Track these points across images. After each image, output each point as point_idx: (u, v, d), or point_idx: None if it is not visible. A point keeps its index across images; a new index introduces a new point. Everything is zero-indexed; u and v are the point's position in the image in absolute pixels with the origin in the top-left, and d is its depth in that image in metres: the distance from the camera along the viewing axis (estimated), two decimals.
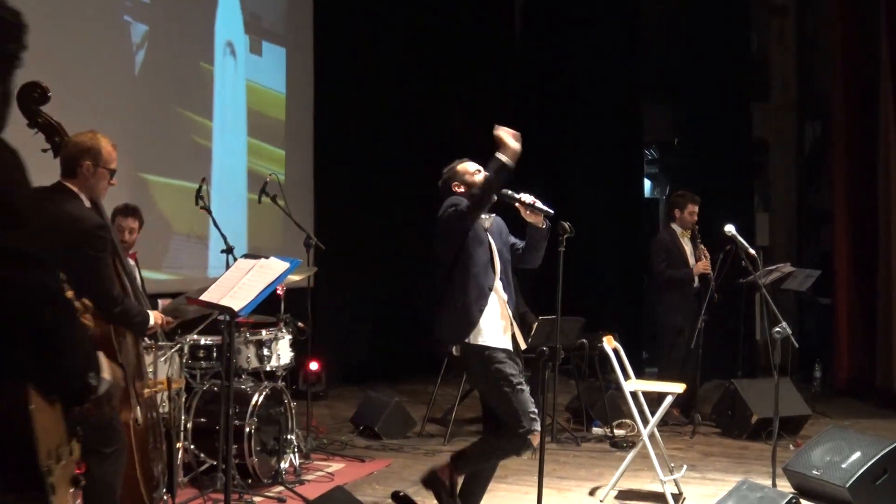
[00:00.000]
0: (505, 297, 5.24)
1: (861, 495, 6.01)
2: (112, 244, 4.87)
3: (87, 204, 4.67)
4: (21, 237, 2.00)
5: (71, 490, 2.22)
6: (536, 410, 5.12)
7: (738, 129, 12.41)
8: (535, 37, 13.00)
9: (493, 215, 5.36)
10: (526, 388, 5.13)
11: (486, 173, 5.09)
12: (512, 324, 5.24)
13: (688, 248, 8.86)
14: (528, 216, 5.24)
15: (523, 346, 5.32)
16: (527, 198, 5.22)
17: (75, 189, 4.65)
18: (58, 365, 2.07)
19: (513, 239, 5.42)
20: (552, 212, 5.24)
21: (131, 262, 6.61)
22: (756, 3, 13.07)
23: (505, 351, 5.12)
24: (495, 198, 5.10)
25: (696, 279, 8.73)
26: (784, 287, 9.21)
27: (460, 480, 5.39)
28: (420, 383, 10.17)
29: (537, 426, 5.06)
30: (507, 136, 5.04)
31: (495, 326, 5.15)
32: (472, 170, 5.37)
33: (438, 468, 5.36)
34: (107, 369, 2.27)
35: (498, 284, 5.21)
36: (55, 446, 2.11)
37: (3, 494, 1.99)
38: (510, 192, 5.21)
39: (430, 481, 5.37)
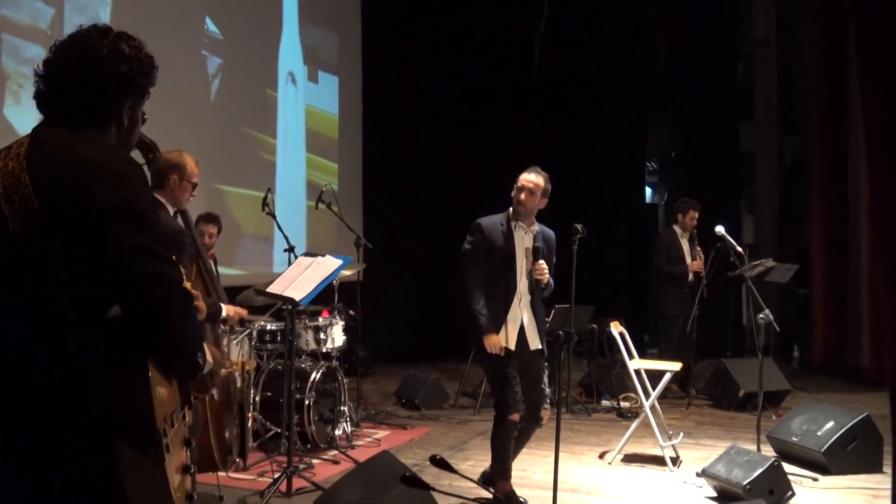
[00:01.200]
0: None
1: (834, 459, 6.01)
2: (195, 247, 4.94)
3: (171, 212, 4.73)
4: (149, 237, 2.05)
5: (184, 450, 2.27)
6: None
7: (728, 144, 12.43)
8: (551, 64, 12.98)
9: (539, 228, 5.35)
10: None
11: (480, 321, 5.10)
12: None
13: (686, 247, 8.85)
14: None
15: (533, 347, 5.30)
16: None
17: (162, 199, 4.70)
18: (178, 345, 2.12)
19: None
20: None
21: (210, 261, 6.71)
22: (743, 36, 13.08)
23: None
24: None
25: (691, 275, 8.73)
26: (767, 279, 9.17)
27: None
28: (453, 363, 10.17)
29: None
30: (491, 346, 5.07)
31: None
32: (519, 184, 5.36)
33: (498, 491, 5.20)
34: (209, 352, 2.31)
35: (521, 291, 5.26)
36: (170, 413, 2.15)
37: (128, 451, 2.02)
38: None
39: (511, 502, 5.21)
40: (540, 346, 5.28)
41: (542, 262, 5.16)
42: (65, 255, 2.03)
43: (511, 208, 5.31)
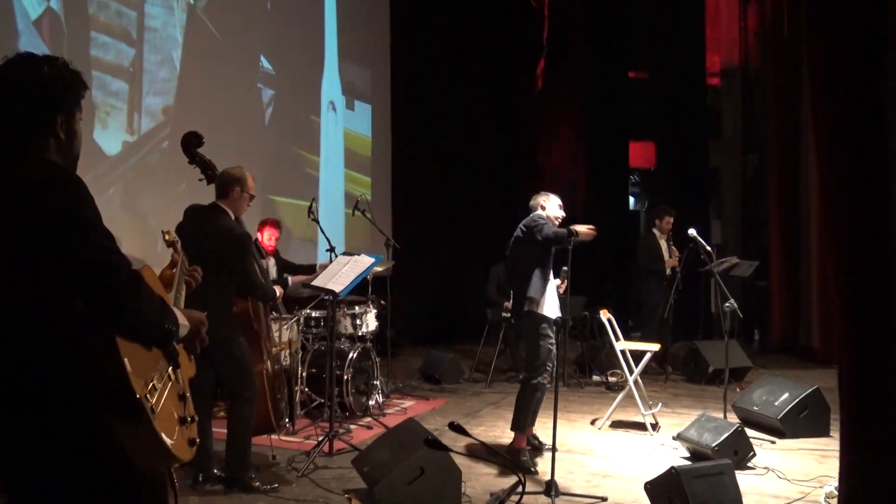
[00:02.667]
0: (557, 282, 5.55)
1: (789, 425, 6.00)
2: (256, 246, 4.99)
3: (233, 218, 4.75)
4: (93, 235, 2.01)
5: (181, 403, 2.22)
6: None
7: (698, 160, 12.37)
8: (551, 93, 12.98)
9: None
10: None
11: (563, 231, 5.27)
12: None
13: (664, 247, 8.86)
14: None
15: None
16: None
17: (226, 207, 4.73)
18: (139, 319, 2.04)
19: None
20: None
21: (272, 259, 6.75)
22: (711, 70, 13.08)
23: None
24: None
25: (668, 270, 8.73)
26: (732, 274, 9.13)
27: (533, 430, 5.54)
28: (468, 344, 10.18)
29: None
30: (584, 230, 5.29)
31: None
32: (556, 204, 5.57)
33: (513, 444, 5.36)
34: (183, 319, 2.24)
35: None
36: (149, 378, 2.06)
37: (118, 421, 1.97)
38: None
39: (516, 461, 5.22)
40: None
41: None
42: (26, 263, 1.98)
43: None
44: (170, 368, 2.22)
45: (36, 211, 1.97)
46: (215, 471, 4.84)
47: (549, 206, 5.55)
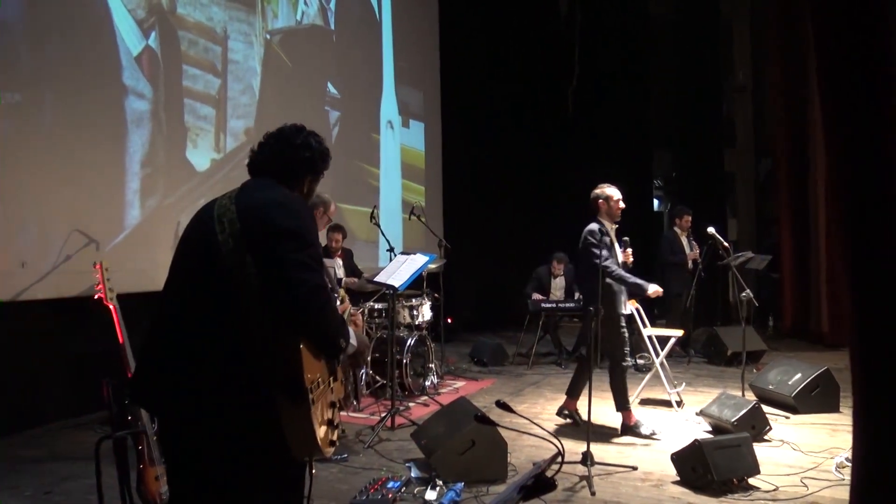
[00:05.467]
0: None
1: (801, 401, 5.87)
2: (325, 250, 5.09)
3: None
4: (306, 253, 2.12)
5: (330, 410, 2.30)
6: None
7: (715, 165, 12.21)
8: (582, 109, 12.87)
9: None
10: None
11: (631, 282, 5.30)
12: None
13: (685, 242, 8.74)
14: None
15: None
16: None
17: None
18: (319, 331, 2.15)
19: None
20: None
21: (339, 260, 6.80)
22: (726, 84, 12.86)
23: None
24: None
25: (690, 263, 8.59)
26: (747, 267, 8.94)
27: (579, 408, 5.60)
28: (511, 331, 10.16)
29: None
30: (652, 291, 5.36)
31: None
32: (616, 196, 5.53)
33: (625, 422, 5.42)
34: (354, 338, 2.31)
35: None
36: (316, 378, 2.18)
37: (284, 400, 2.08)
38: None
39: (562, 412, 5.70)
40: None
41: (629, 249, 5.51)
42: (253, 261, 2.10)
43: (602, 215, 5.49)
44: (330, 378, 2.32)
45: (271, 220, 2.14)
46: None
47: (611, 204, 5.46)
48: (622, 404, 5.39)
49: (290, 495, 2.26)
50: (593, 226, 5.34)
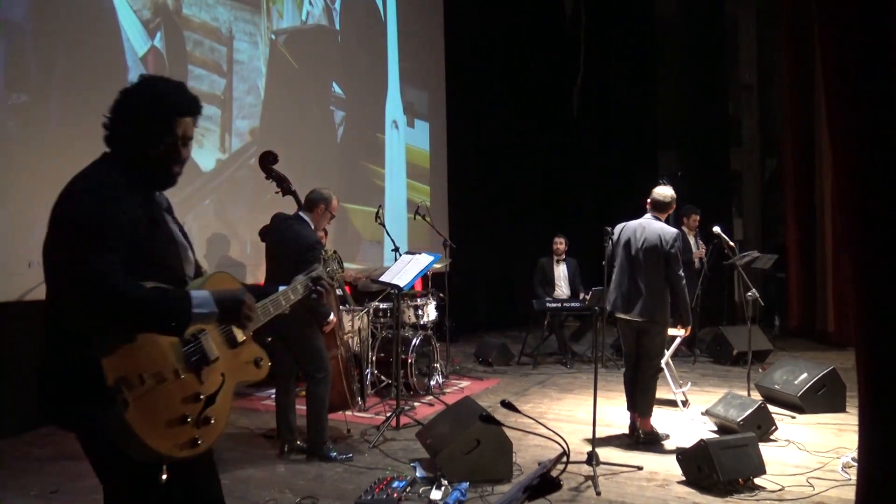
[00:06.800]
0: None
1: (807, 401, 5.86)
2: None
3: (312, 228, 4.80)
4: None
5: (189, 407, 1.99)
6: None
7: (722, 165, 12.18)
8: (587, 109, 12.86)
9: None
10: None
11: (685, 305, 5.14)
12: None
13: (691, 241, 8.71)
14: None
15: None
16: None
17: (307, 219, 4.79)
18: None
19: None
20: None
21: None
22: (733, 84, 12.83)
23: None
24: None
25: (696, 262, 8.56)
26: (753, 266, 8.91)
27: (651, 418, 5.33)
28: (516, 331, 10.15)
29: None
30: (687, 329, 5.25)
31: None
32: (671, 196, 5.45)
33: (640, 427, 5.21)
34: (209, 306, 2.00)
35: None
36: (139, 373, 1.88)
37: (81, 407, 1.90)
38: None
39: (647, 440, 5.17)
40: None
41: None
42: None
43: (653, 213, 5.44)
44: (181, 369, 1.99)
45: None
46: (298, 442, 4.91)
47: (674, 206, 5.44)
48: (648, 409, 5.25)
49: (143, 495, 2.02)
50: (676, 231, 5.24)
